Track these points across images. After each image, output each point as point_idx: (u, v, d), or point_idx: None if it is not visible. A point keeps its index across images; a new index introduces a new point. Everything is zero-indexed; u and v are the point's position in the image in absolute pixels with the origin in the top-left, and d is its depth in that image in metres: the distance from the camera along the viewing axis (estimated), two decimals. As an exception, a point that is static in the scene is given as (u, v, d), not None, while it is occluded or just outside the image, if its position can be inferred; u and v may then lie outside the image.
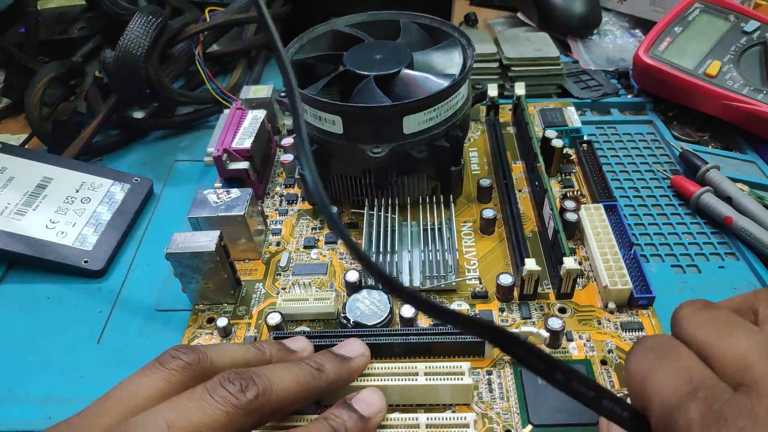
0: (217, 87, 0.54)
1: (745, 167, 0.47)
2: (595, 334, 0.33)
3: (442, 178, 0.41)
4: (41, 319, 0.37)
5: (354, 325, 0.33)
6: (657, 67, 0.51)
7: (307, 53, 0.42)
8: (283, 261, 0.39)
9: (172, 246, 0.34)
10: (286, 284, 0.38)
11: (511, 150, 0.47)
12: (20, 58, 0.53)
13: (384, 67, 0.39)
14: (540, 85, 0.54)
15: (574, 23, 0.62)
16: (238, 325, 0.35)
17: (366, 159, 0.37)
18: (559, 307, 0.35)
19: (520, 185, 0.44)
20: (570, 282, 0.34)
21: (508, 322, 0.34)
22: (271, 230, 0.42)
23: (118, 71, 0.47)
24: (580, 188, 0.43)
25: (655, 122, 0.52)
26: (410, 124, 0.36)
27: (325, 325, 0.35)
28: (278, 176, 0.47)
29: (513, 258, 0.37)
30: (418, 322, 0.34)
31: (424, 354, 0.32)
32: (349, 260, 0.39)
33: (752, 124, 0.48)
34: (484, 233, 0.40)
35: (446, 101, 0.37)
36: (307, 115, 0.38)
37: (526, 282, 0.34)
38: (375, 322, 0.33)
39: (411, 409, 0.30)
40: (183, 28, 0.51)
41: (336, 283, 0.38)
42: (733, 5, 0.54)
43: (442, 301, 0.36)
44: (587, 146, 0.46)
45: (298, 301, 0.35)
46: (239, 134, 0.44)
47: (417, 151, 0.37)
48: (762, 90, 0.47)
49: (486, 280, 0.37)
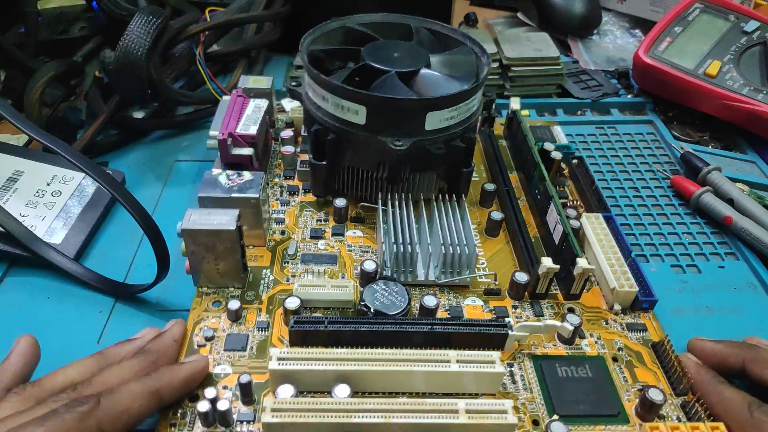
0: (218, 87, 0.53)
1: (745, 167, 0.47)
2: (605, 334, 0.35)
3: (451, 179, 0.41)
4: (41, 319, 0.36)
5: (375, 314, 0.33)
6: (657, 67, 0.51)
7: (320, 46, 0.42)
8: (291, 249, 0.38)
9: (187, 222, 0.32)
10: (295, 272, 0.37)
11: (506, 162, 0.49)
12: (20, 58, 0.52)
13: (405, 65, 0.39)
14: (540, 85, 0.54)
15: (574, 23, 0.62)
16: (248, 309, 0.34)
17: (385, 152, 0.37)
18: (568, 308, 0.36)
19: (518, 193, 0.45)
20: (581, 282, 0.36)
21: (523, 318, 0.35)
22: (274, 219, 0.41)
23: (119, 71, 0.46)
24: (575, 200, 0.45)
25: (655, 122, 0.52)
26: (432, 121, 0.37)
27: (341, 313, 0.34)
28: (276, 168, 0.46)
29: (524, 258, 0.38)
30: (438, 314, 0.34)
31: (444, 345, 0.32)
32: (358, 253, 0.39)
33: (752, 124, 0.49)
34: (489, 235, 0.41)
35: (467, 102, 0.38)
36: (328, 104, 0.37)
37: (541, 280, 0.35)
38: (394, 312, 0.33)
39: (445, 396, 0.30)
40: (184, 28, 0.51)
41: (347, 274, 0.37)
42: (733, 5, 0.54)
43: (456, 296, 0.36)
44: (579, 161, 0.48)
45: (316, 287, 0.34)
46: (243, 120, 0.43)
47: (435, 148, 0.38)
48: (762, 90, 0.47)
49: (497, 278, 0.37)
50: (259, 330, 0.33)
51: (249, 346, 0.32)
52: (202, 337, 0.32)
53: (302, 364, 0.28)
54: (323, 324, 0.31)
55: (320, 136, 0.39)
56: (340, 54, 0.43)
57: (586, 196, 0.44)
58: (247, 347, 0.32)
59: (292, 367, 0.28)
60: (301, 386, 0.29)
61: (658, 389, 0.29)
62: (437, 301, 0.33)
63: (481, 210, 0.43)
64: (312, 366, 0.28)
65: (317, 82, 0.37)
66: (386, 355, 0.29)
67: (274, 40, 0.60)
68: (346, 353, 0.29)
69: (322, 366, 0.28)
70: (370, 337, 0.31)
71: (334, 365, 0.28)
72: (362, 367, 0.29)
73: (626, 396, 0.31)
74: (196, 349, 0.31)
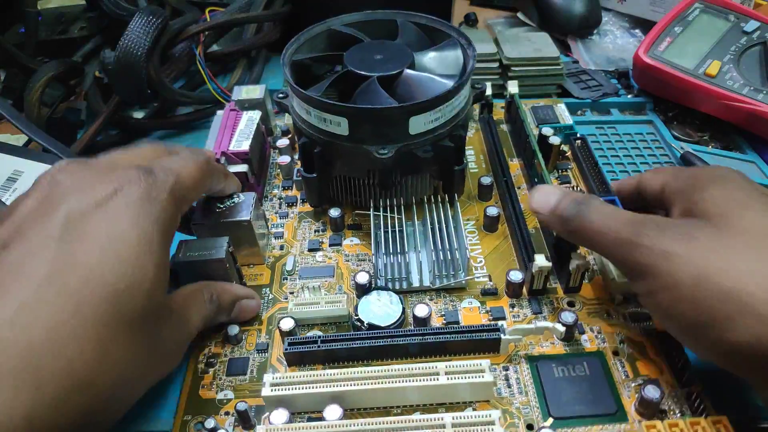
0: (218, 87, 0.53)
1: (745, 167, 0.47)
2: (606, 327, 0.34)
3: (444, 177, 0.41)
4: None
5: (368, 327, 0.33)
6: (657, 67, 0.51)
7: (304, 54, 0.42)
8: (289, 265, 0.39)
9: (180, 254, 0.34)
10: (293, 288, 0.37)
11: (507, 148, 0.48)
12: (20, 58, 0.52)
13: (386, 68, 0.39)
14: (540, 85, 0.54)
15: (574, 23, 0.62)
16: (248, 331, 0.35)
17: (372, 160, 0.36)
18: (568, 301, 0.36)
19: (518, 182, 0.45)
20: (578, 276, 0.35)
21: (520, 317, 0.35)
22: (273, 233, 0.41)
23: (119, 71, 0.46)
24: (577, 184, 0.44)
25: (655, 122, 0.52)
26: (416, 125, 0.36)
27: (338, 328, 0.35)
28: (275, 178, 0.47)
29: (520, 255, 0.38)
30: (432, 321, 0.34)
31: (439, 353, 0.33)
32: (355, 262, 0.39)
33: (752, 124, 0.49)
34: (487, 231, 0.41)
35: (451, 101, 0.37)
36: (311, 117, 0.37)
37: (535, 278, 0.35)
38: (389, 323, 0.33)
39: (432, 409, 0.30)
40: (183, 28, 0.51)
41: (344, 285, 0.38)
42: (733, 5, 0.54)
43: (452, 300, 0.36)
44: (581, 142, 0.46)
45: (309, 305, 0.34)
46: (236, 136, 0.43)
47: (422, 151, 0.38)
48: (762, 90, 0.48)
49: (494, 277, 0.37)
50: (259, 352, 0.34)
51: (250, 369, 0.33)
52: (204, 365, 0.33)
53: (294, 388, 0.29)
54: (316, 344, 0.32)
55: (308, 148, 0.39)
56: (326, 60, 0.43)
57: (589, 179, 0.43)
58: (248, 371, 0.33)
59: (285, 393, 0.29)
60: (295, 408, 0.30)
61: (655, 386, 0.29)
62: (429, 309, 0.33)
63: (480, 204, 0.43)
64: (304, 390, 0.29)
65: (298, 96, 0.37)
66: (378, 373, 0.30)
67: (274, 40, 0.60)
68: (338, 374, 0.30)
69: (314, 389, 0.29)
70: (366, 351, 0.32)
71: (326, 387, 0.29)
72: (354, 387, 0.29)
73: (626, 392, 0.31)
74: (200, 376, 0.33)
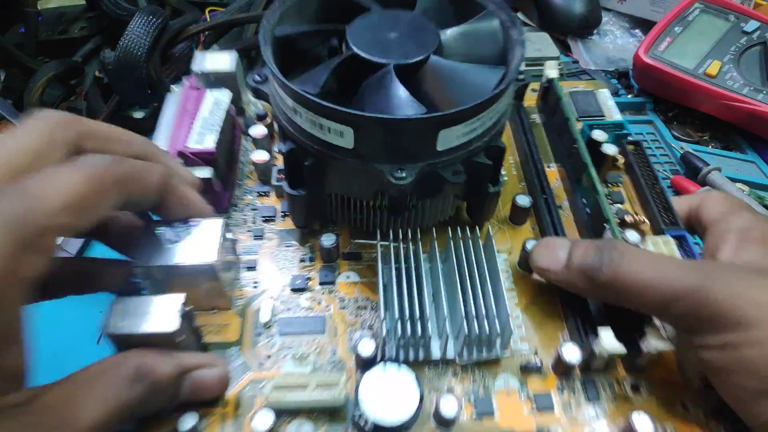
0: None
1: (745, 167, 0.48)
2: (682, 427, 0.26)
3: (473, 199, 0.31)
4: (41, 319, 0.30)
5: (373, 428, 0.24)
6: (657, 67, 0.52)
7: (293, 25, 0.31)
8: (266, 315, 0.29)
9: (113, 322, 0.24)
10: (271, 350, 0.28)
11: (541, 145, 0.38)
12: (20, 58, 0.52)
13: (405, 52, 0.28)
14: None
15: (574, 23, 0.62)
16: (209, 419, 0.26)
17: (383, 183, 0.26)
18: (631, 384, 0.27)
19: (558, 197, 0.35)
20: (651, 361, 0.27)
21: (571, 408, 0.26)
22: (242, 261, 0.32)
23: (119, 71, 0.47)
24: (632, 206, 0.35)
25: (655, 122, 0.52)
26: (447, 139, 0.26)
27: (331, 417, 0.26)
28: (247, 178, 0.36)
29: (574, 319, 0.29)
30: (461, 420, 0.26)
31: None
32: (353, 310, 0.30)
33: (752, 124, 0.49)
34: (524, 270, 0.32)
35: (494, 105, 0.27)
36: (301, 119, 0.27)
37: (597, 360, 0.26)
38: (401, 420, 0.25)
39: None
40: (183, 28, 0.51)
41: (339, 347, 0.28)
42: (733, 5, 0.55)
43: (482, 375, 0.28)
44: (635, 147, 0.37)
45: (295, 389, 0.25)
46: (197, 127, 0.33)
47: (452, 173, 0.28)
48: (762, 90, 0.48)
49: (537, 342, 0.29)
50: (223, 455, 0.25)
51: (210, 482, 0.24)
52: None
53: None
54: (304, 460, 0.23)
55: (295, 158, 0.29)
56: (321, 34, 0.32)
57: (649, 203, 0.34)
58: (207, 485, 0.24)
59: None
60: None
61: None
62: (459, 406, 0.25)
63: (512, 230, 0.34)
64: None
65: (285, 90, 0.27)
66: None
67: (274, 40, 0.54)
68: None
69: None
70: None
71: None
72: None
73: None
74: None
